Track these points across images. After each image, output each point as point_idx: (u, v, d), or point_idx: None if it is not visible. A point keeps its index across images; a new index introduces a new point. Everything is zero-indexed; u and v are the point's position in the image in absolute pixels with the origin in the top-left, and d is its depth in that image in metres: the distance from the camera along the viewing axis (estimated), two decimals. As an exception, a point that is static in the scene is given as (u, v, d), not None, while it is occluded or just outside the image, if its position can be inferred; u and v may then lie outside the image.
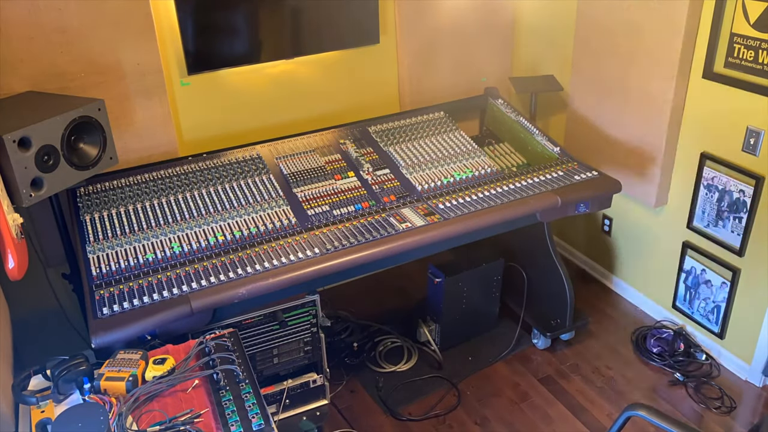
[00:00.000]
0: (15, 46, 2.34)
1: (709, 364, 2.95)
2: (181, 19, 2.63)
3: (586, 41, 3.11)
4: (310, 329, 2.45)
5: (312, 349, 2.48)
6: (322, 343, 2.49)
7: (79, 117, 2.16)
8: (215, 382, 1.70)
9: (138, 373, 1.71)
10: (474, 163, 2.80)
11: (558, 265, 2.90)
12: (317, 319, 2.44)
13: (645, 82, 2.85)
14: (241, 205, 2.49)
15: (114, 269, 2.18)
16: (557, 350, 3.07)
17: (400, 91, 3.31)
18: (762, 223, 2.62)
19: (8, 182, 1.99)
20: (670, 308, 3.17)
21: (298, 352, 2.47)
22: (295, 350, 2.46)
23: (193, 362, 1.78)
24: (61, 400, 1.72)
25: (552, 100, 3.52)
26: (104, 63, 2.52)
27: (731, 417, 2.68)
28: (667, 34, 2.70)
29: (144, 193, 2.51)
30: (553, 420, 2.70)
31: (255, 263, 2.20)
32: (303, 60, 3.01)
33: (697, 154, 2.80)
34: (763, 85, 2.46)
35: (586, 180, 2.70)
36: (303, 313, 2.41)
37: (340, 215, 2.47)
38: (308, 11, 2.89)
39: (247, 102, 2.97)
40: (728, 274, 2.79)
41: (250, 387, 1.70)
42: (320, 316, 2.44)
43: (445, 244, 2.46)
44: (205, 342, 1.84)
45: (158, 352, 1.85)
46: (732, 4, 2.49)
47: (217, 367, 1.74)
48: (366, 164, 2.74)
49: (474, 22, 3.28)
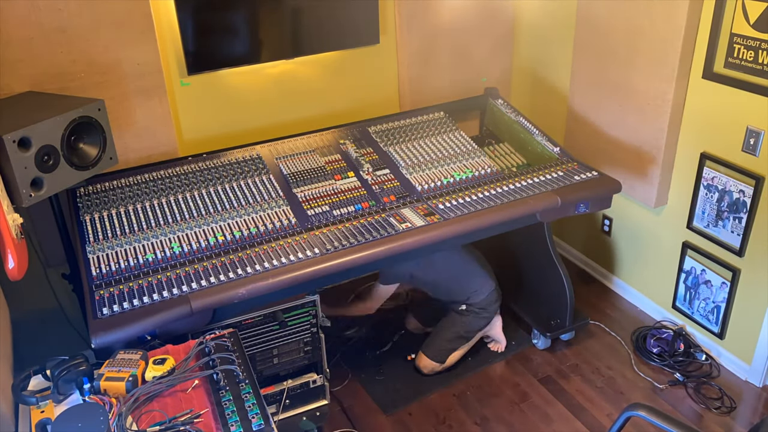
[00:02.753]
0: (15, 46, 2.34)
1: (709, 364, 2.95)
2: (181, 19, 2.63)
3: (586, 41, 3.11)
4: (310, 329, 2.45)
5: (312, 350, 2.48)
6: (321, 344, 2.49)
7: (79, 117, 2.16)
8: (215, 382, 1.70)
9: (138, 374, 1.71)
10: (474, 163, 2.80)
11: (558, 266, 2.90)
12: (317, 320, 2.44)
13: (645, 82, 2.85)
14: (241, 206, 2.49)
15: (114, 269, 2.18)
16: (557, 350, 3.07)
17: (400, 91, 3.31)
18: (762, 224, 2.62)
19: (8, 182, 1.99)
20: (670, 308, 3.17)
21: (298, 353, 2.47)
22: (295, 350, 2.46)
23: (193, 362, 1.78)
24: (61, 400, 1.72)
25: (552, 100, 3.52)
26: (104, 63, 2.52)
27: (731, 417, 2.68)
28: (667, 34, 2.70)
29: (144, 193, 2.51)
30: (553, 420, 2.70)
31: (255, 263, 2.20)
32: (303, 60, 3.01)
33: (697, 154, 2.80)
34: (763, 85, 2.46)
35: (586, 180, 2.70)
36: (303, 313, 2.41)
37: (340, 215, 2.47)
38: (308, 11, 2.89)
39: (247, 102, 2.97)
40: (728, 274, 2.79)
41: (250, 387, 1.70)
42: (320, 317, 2.44)
43: (445, 244, 2.46)
44: (205, 342, 1.84)
45: (158, 352, 1.84)
46: (732, 5, 2.49)
47: (217, 367, 1.74)
48: (366, 164, 2.74)
49: (474, 22, 3.28)
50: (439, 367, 2.89)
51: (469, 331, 2.92)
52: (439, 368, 2.89)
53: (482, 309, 2.90)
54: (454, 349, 2.91)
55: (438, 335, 2.92)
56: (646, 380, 2.88)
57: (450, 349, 2.90)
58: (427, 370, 2.90)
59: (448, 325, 2.91)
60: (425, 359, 2.89)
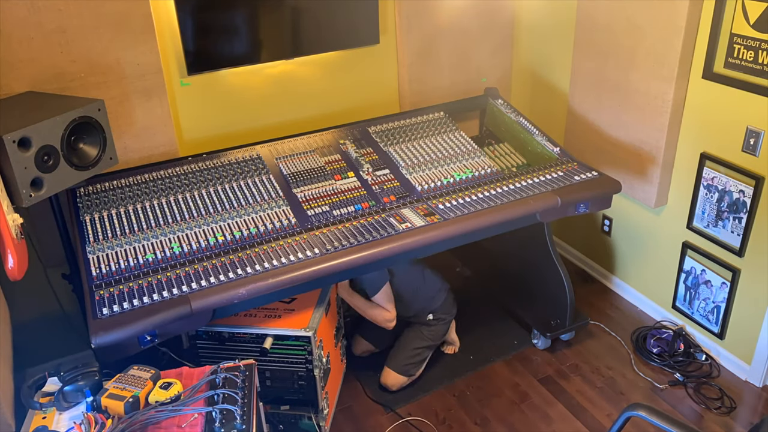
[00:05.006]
0: (15, 46, 2.34)
1: (709, 364, 2.95)
2: (181, 19, 2.63)
3: (586, 41, 3.11)
4: (305, 365, 2.40)
5: (306, 386, 2.42)
6: (317, 383, 2.43)
7: (79, 117, 2.16)
8: (212, 420, 1.64)
9: (141, 395, 1.67)
10: (474, 163, 2.80)
11: (558, 266, 2.90)
12: (312, 356, 2.37)
13: (645, 82, 2.85)
14: (240, 206, 2.49)
15: (114, 269, 2.18)
16: (557, 350, 3.07)
17: (400, 91, 3.31)
18: (762, 224, 2.62)
19: (8, 182, 1.99)
20: (670, 308, 3.17)
21: (292, 384, 2.43)
22: (288, 379, 2.42)
23: (200, 393, 1.72)
24: (66, 408, 1.71)
25: (552, 100, 3.52)
26: (104, 63, 2.52)
27: (731, 417, 2.68)
28: (667, 34, 2.70)
29: (144, 193, 2.51)
30: (553, 420, 2.70)
31: (255, 263, 2.20)
32: (303, 60, 3.01)
33: (697, 154, 2.80)
34: (763, 85, 2.46)
35: (586, 180, 2.70)
36: (296, 345, 2.36)
37: (339, 215, 2.47)
38: (308, 11, 2.89)
39: (247, 102, 2.97)
40: (728, 274, 2.79)
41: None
42: None
43: (445, 244, 2.46)
44: (218, 372, 1.78)
45: (172, 373, 1.81)
46: (732, 5, 2.49)
47: (217, 404, 1.68)
48: (366, 164, 2.74)
49: (474, 22, 3.28)
50: (407, 381, 2.84)
51: (436, 339, 2.90)
52: (407, 382, 2.85)
53: (446, 314, 2.90)
54: (424, 359, 2.90)
55: (405, 348, 2.84)
56: (646, 380, 2.88)
57: (420, 360, 2.87)
58: (396, 386, 2.82)
59: (414, 337, 2.86)
60: (393, 375, 2.80)
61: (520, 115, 3.13)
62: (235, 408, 1.67)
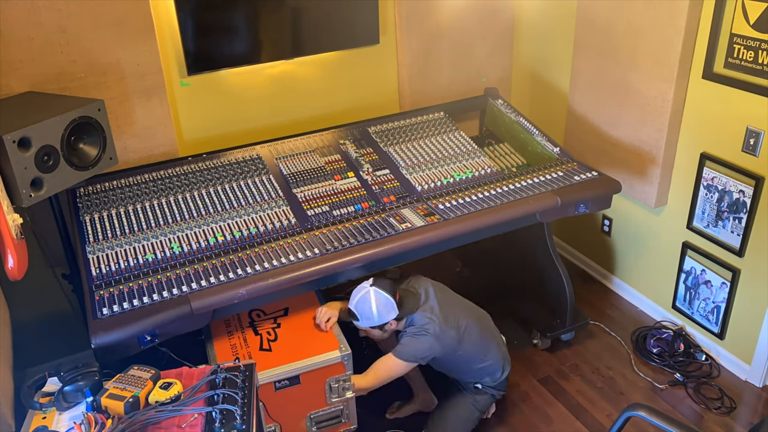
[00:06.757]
0: (15, 46, 2.34)
1: (708, 364, 2.95)
2: (181, 19, 2.63)
3: (586, 41, 3.11)
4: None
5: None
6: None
7: (79, 117, 2.16)
8: (212, 420, 1.64)
9: (141, 395, 1.66)
10: (474, 163, 2.80)
11: (558, 266, 2.90)
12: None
13: (645, 83, 2.85)
14: (240, 206, 2.49)
15: (114, 270, 2.18)
16: (557, 350, 3.07)
17: (400, 91, 3.31)
18: (762, 224, 2.62)
19: (8, 182, 1.99)
20: (670, 308, 3.17)
21: None
22: None
23: (200, 393, 1.71)
24: (66, 408, 1.71)
25: (552, 100, 3.52)
26: (104, 63, 2.52)
27: (731, 417, 2.68)
28: (667, 34, 2.70)
29: (144, 193, 2.51)
30: (553, 420, 2.70)
31: (255, 263, 2.20)
32: (303, 60, 3.01)
33: (697, 154, 2.80)
34: (762, 85, 2.46)
35: (586, 180, 2.70)
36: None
37: (339, 215, 2.47)
38: (308, 11, 2.89)
39: (248, 102, 2.97)
40: (728, 274, 2.79)
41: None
42: None
43: (445, 244, 2.46)
44: (218, 372, 1.77)
45: (172, 373, 1.80)
46: (732, 5, 2.49)
47: (217, 405, 1.67)
48: (366, 164, 2.74)
49: (474, 22, 3.28)
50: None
51: (483, 410, 2.59)
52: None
53: (496, 390, 2.60)
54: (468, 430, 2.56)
55: (449, 413, 2.53)
56: (646, 380, 2.88)
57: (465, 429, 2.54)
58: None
59: (460, 403, 2.56)
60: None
61: (520, 115, 3.13)
62: (235, 408, 1.67)
